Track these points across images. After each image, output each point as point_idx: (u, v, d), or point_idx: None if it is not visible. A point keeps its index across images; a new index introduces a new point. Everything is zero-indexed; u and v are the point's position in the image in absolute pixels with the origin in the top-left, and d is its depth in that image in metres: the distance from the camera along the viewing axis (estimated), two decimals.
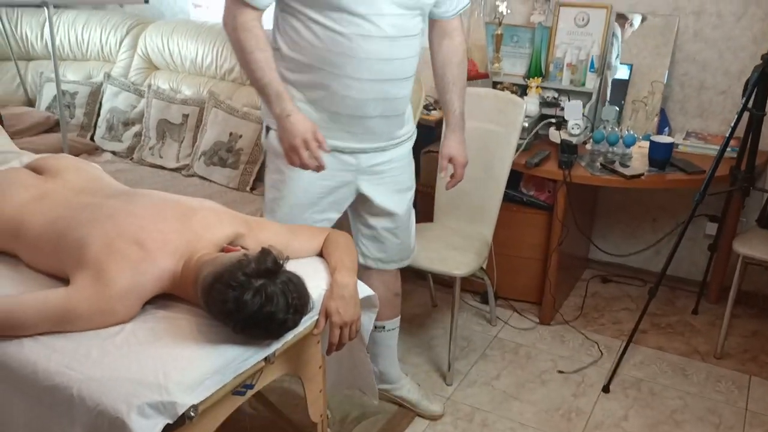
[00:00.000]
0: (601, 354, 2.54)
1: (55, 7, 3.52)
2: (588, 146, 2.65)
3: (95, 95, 3.40)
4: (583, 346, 2.60)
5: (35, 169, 1.79)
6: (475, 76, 2.90)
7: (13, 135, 2.79)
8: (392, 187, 1.89)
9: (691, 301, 2.85)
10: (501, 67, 2.93)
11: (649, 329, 2.70)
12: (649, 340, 2.63)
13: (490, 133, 2.47)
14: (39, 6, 2.97)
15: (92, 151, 3.29)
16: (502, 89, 2.86)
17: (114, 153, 3.25)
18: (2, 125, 2.52)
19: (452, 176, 1.96)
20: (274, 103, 1.60)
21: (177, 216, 1.49)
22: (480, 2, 2.85)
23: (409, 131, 1.89)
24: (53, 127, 3.38)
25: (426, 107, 2.93)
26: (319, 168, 1.63)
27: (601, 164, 2.50)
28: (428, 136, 2.92)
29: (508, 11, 2.84)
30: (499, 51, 2.91)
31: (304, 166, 1.62)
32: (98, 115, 3.39)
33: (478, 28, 2.91)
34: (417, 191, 2.91)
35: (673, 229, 2.94)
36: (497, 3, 2.82)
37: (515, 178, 2.59)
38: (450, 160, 1.93)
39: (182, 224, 1.47)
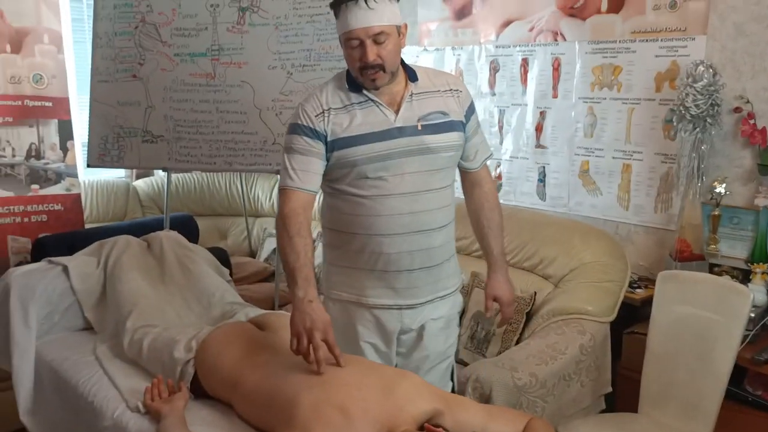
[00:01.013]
0: None
1: None
2: None
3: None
4: None
5: (257, 324, 1.95)
6: (689, 258, 2.73)
7: (235, 281, 3.10)
8: (424, 355, 1.88)
9: None
10: (718, 249, 2.74)
11: None
12: None
13: (709, 322, 2.27)
14: (273, 172, 3.38)
15: None
16: (720, 273, 2.66)
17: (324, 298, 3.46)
18: (231, 274, 2.81)
19: (501, 315, 1.97)
20: (299, 286, 1.61)
21: (380, 386, 1.51)
22: (695, 182, 2.74)
23: (454, 285, 1.90)
24: (268, 277, 3.70)
25: (631, 284, 2.79)
26: (317, 367, 1.56)
27: None
28: (632, 315, 2.77)
29: (727, 192, 2.70)
30: (716, 232, 2.74)
31: (301, 354, 1.58)
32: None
33: (693, 207, 2.78)
34: (619, 375, 2.75)
35: None
36: (715, 183, 2.70)
37: (739, 373, 2.31)
38: (495, 299, 1.94)
39: (385, 395, 1.48)
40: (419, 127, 1.74)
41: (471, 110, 1.87)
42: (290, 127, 1.77)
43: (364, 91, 1.73)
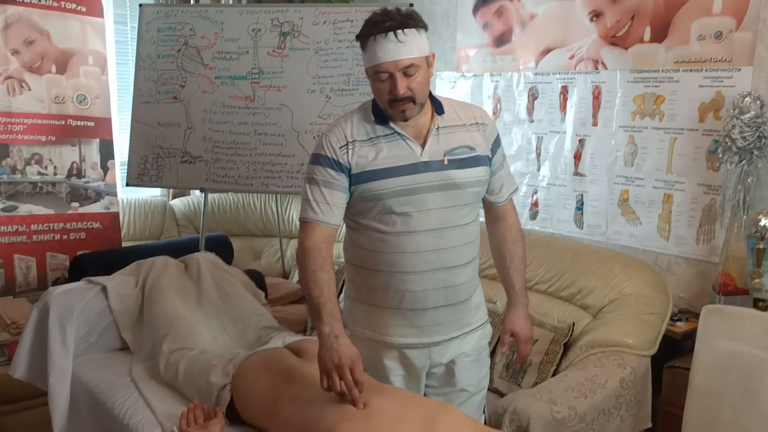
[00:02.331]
0: None
1: None
2: None
3: (341, 273, 3.69)
4: None
5: (295, 350, 1.94)
6: (733, 292, 2.66)
7: (268, 302, 3.10)
8: (458, 389, 1.86)
9: None
10: (762, 283, 2.67)
11: None
12: None
13: (755, 359, 2.21)
14: None
15: None
16: (765, 308, 2.59)
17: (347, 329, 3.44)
18: (266, 297, 2.80)
19: (518, 352, 1.94)
20: (324, 321, 1.58)
21: (421, 419, 1.48)
22: (740, 215, 2.68)
23: (481, 319, 1.87)
24: (301, 299, 3.70)
25: (672, 317, 2.73)
26: (355, 405, 1.53)
27: None
28: (673, 348, 2.70)
29: None
30: (761, 266, 2.67)
31: (333, 392, 1.56)
32: (340, 291, 3.65)
33: (737, 240, 2.71)
34: (659, 411, 2.67)
35: None
36: (760, 216, 2.64)
37: None
38: (512, 335, 1.91)
39: (425, 429, 1.46)
40: (445, 162, 1.70)
41: (497, 144, 1.84)
42: (313, 157, 1.74)
43: (391, 124, 1.70)
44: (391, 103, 1.65)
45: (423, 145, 1.71)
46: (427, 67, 1.67)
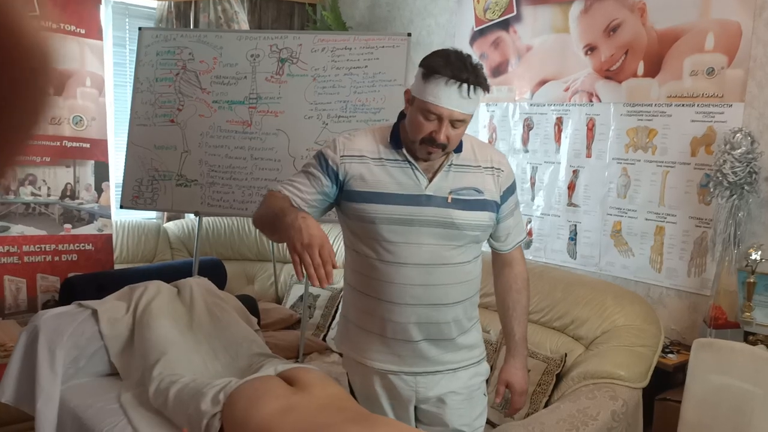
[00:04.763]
0: None
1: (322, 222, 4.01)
2: None
3: (334, 299, 3.69)
4: None
5: (286, 378, 1.93)
6: (723, 325, 2.67)
7: (260, 328, 3.08)
8: (450, 429, 1.82)
9: None
10: (753, 317, 2.68)
11: None
12: None
13: (746, 393, 2.20)
14: None
15: (323, 350, 3.50)
16: (755, 342, 2.60)
17: (341, 356, 3.42)
18: (259, 323, 2.79)
19: (511, 404, 1.90)
20: (288, 215, 1.52)
21: None
22: (731, 249, 2.70)
23: (474, 357, 1.84)
24: (294, 324, 3.68)
25: (664, 350, 2.73)
26: (323, 282, 1.46)
27: None
28: (664, 381, 2.69)
29: (763, 259, 2.65)
30: (751, 299, 2.68)
31: (310, 274, 1.47)
32: (333, 318, 3.64)
33: (728, 274, 2.73)
34: None
35: None
36: (750, 250, 2.66)
37: None
38: (507, 386, 1.88)
39: None
40: (449, 200, 1.68)
41: (510, 192, 1.80)
42: (318, 152, 1.74)
43: (404, 150, 1.68)
44: (423, 141, 1.62)
45: (430, 179, 1.69)
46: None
